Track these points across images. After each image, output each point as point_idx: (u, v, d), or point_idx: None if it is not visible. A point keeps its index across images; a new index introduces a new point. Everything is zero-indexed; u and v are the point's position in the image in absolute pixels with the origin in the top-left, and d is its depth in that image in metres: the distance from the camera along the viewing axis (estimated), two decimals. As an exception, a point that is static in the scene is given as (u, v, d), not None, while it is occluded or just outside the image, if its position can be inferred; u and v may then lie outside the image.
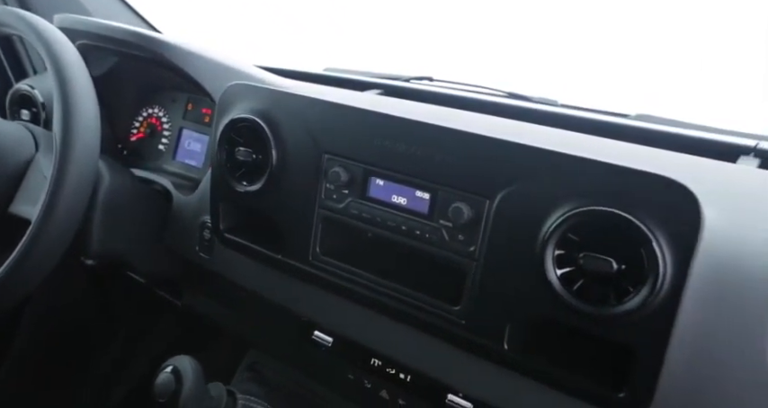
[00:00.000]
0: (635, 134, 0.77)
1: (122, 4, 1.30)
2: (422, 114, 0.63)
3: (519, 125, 0.75)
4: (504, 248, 0.55)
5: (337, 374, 0.76)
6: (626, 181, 0.48)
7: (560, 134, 0.71)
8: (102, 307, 1.29)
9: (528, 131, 0.72)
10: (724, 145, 0.72)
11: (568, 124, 0.78)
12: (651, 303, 0.47)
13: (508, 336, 0.56)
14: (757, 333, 0.47)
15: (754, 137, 0.76)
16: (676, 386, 0.50)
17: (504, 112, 0.85)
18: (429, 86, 1.12)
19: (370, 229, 0.65)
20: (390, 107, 0.86)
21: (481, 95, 1.02)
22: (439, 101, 0.94)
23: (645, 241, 0.47)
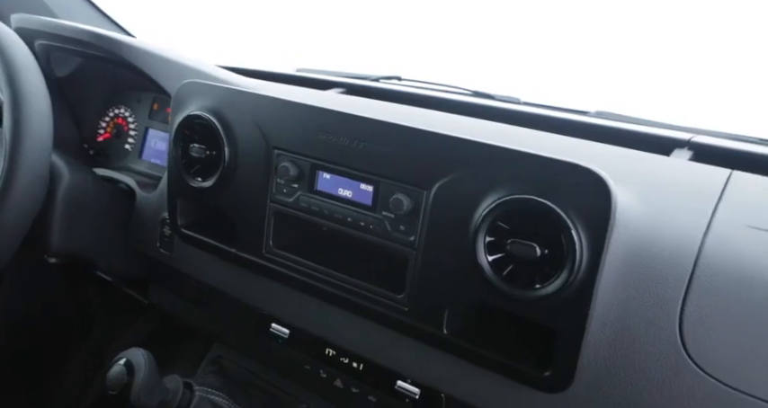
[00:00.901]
0: (591, 130, 0.80)
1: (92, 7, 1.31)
2: (377, 111, 0.65)
3: (467, 120, 0.78)
4: (441, 237, 0.58)
5: (295, 365, 0.77)
6: (547, 170, 0.51)
7: (498, 128, 0.74)
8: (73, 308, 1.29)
9: (467, 125, 0.75)
10: (662, 139, 0.76)
11: (530, 121, 0.81)
12: (570, 286, 0.49)
13: (447, 321, 0.59)
14: (671, 314, 0.49)
15: (691, 131, 0.80)
16: (599, 363, 0.52)
17: (468, 110, 0.88)
18: (395, 85, 1.15)
19: (318, 222, 0.67)
20: (346, 104, 0.88)
21: (446, 94, 1.05)
22: (404, 99, 0.97)
23: (564, 227, 0.49)
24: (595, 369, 0.52)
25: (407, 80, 1.22)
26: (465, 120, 0.79)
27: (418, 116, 0.83)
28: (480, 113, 0.86)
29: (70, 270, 1.12)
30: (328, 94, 0.98)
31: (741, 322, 0.47)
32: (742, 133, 0.84)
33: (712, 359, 0.48)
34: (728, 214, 0.52)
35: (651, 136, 0.78)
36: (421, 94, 1.01)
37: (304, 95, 0.93)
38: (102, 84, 1.11)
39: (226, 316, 0.86)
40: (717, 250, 0.50)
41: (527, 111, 0.88)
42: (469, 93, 1.10)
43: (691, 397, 0.48)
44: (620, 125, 0.82)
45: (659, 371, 0.49)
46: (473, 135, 0.56)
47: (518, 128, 0.77)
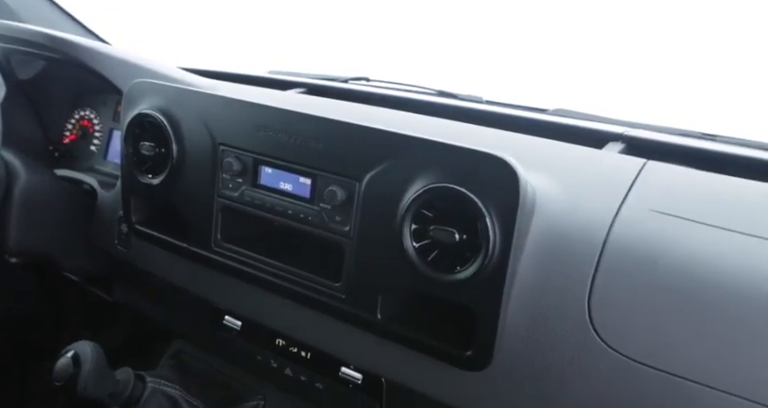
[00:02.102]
0: (546, 127, 0.83)
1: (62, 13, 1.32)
2: (324, 109, 0.67)
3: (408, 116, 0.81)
4: (372, 226, 0.60)
5: (247, 356, 0.80)
6: (463, 159, 0.54)
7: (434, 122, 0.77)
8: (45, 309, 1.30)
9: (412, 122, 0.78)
10: (598, 133, 0.79)
11: (490, 120, 0.84)
12: (485, 269, 0.52)
13: (381, 307, 0.61)
14: (580, 294, 0.52)
15: (628, 125, 0.83)
16: (518, 342, 0.55)
17: (431, 110, 0.91)
18: (360, 86, 1.18)
19: (262, 215, 0.69)
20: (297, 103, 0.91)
21: (411, 94, 1.08)
22: (366, 99, 1.00)
23: (478, 213, 0.52)
24: (514, 348, 0.55)
25: (375, 81, 1.24)
26: (418, 118, 0.81)
27: (370, 114, 0.86)
28: (443, 113, 0.89)
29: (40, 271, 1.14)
30: (286, 94, 1.01)
31: (644, 300, 0.50)
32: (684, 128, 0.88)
33: (618, 336, 0.51)
34: (637, 200, 0.55)
35: (592, 130, 0.81)
36: (385, 94, 1.04)
37: (258, 95, 0.95)
38: (67, 87, 1.13)
39: (184, 311, 0.88)
40: (623, 233, 0.53)
41: (488, 110, 0.91)
42: (434, 92, 1.13)
43: (598, 371, 0.51)
44: (570, 121, 0.85)
45: (570, 348, 0.52)
46: (417, 131, 0.58)
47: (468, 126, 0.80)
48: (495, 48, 1.62)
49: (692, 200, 0.55)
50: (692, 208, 0.54)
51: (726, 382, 0.47)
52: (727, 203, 0.56)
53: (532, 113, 0.92)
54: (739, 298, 0.47)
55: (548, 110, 1.01)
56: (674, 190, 0.57)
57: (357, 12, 1.94)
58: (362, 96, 1.04)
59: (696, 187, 0.59)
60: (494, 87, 1.20)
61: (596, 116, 0.94)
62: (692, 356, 0.48)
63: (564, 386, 0.53)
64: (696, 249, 0.51)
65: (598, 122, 0.87)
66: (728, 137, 0.83)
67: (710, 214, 0.53)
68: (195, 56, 1.37)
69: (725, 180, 0.60)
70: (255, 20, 2.04)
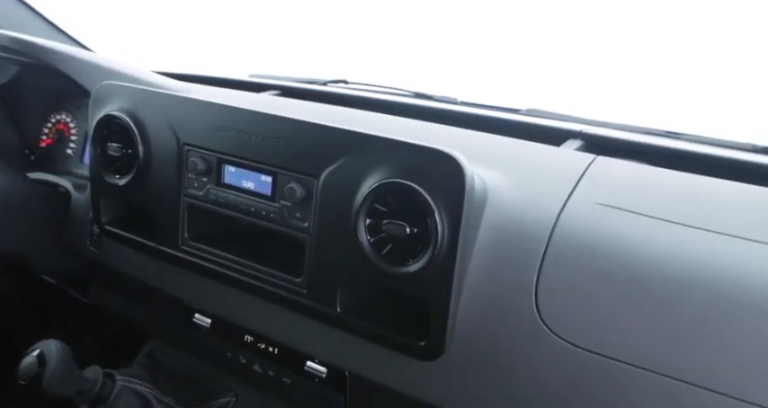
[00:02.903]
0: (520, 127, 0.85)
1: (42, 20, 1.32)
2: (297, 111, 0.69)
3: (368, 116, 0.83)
4: (330, 221, 0.62)
5: (218, 353, 0.81)
6: (413, 155, 0.55)
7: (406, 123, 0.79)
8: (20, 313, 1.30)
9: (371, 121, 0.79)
10: (558, 130, 0.81)
11: (464, 120, 0.86)
12: (434, 262, 0.54)
13: (340, 300, 0.63)
14: (527, 285, 0.54)
15: (584, 122, 0.85)
16: (471, 332, 0.57)
17: (407, 111, 0.93)
18: (336, 88, 1.19)
19: (226, 213, 0.70)
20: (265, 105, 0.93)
21: (387, 96, 1.09)
22: (343, 101, 1.01)
23: (427, 208, 0.54)
24: (467, 339, 0.57)
25: (353, 83, 1.26)
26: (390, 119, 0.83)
27: (337, 115, 0.88)
28: (418, 114, 0.90)
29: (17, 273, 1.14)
30: (257, 96, 1.02)
31: (587, 289, 0.52)
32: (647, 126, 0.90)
33: (564, 325, 0.53)
34: (583, 193, 0.57)
35: (553, 128, 0.83)
36: (362, 96, 1.06)
37: (229, 97, 0.97)
38: (42, 91, 1.14)
39: (156, 310, 0.88)
40: (569, 225, 0.55)
41: (462, 111, 0.93)
42: (410, 94, 1.15)
43: (546, 360, 0.53)
44: (539, 121, 0.87)
45: (518, 338, 0.54)
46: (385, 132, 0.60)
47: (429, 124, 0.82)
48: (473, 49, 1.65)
49: (635, 194, 0.57)
50: (636, 201, 0.56)
51: (668, 367, 0.49)
52: (670, 196, 0.58)
53: (505, 113, 0.94)
54: (676, 286, 0.49)
55: (521, 110, 1.03)
56: (620, 184, 0.59)
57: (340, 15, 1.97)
58: (338, 98, 1.05)
59: (642, 181, 0.61)
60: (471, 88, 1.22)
61: (565, 115, 0.96)
62: (635, 342, 0.50)
63: (514, 375, 0.54)
64: (636, 240, 0.52)
65: (564, 121, 0.89)
66: (692, 135, 0.85)
67: (653, 207, 0.55)
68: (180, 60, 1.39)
69: (674, 175, 0.62)
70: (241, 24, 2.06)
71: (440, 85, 1.16)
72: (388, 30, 1.86)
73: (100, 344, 1.27)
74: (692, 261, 0.50)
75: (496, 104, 1.11)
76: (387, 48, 1.79)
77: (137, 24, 1.90)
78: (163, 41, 1.86)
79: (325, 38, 1.96)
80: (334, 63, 1.82)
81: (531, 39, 1.58)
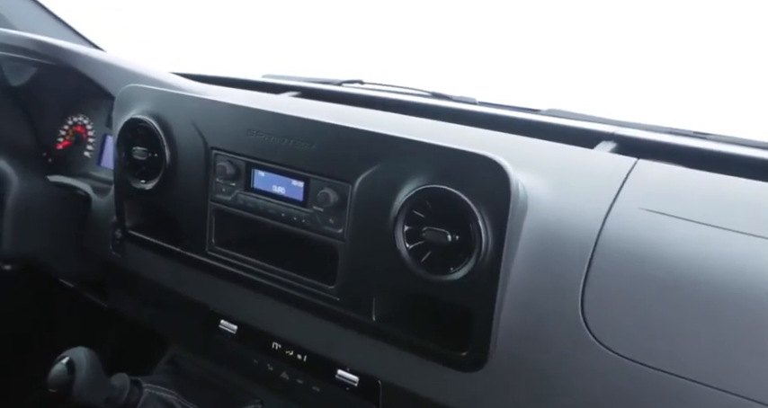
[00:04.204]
0: (540, 128, 0.83)
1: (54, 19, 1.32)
2: (316, 112, 0.68)
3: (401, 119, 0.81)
4: (365, 228, 0.60)
5: (244, 360, 0.79)
6: (455, 160, 0.54)
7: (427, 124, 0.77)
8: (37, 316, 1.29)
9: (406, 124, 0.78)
10: (590, 132, 0.79)
11: (484, 121, 0.85)
12: (478, 270, 0.52)
13: (375, 309, 0.61)
14: (573, 293, 0.52)
15: (619, 124, 0.84)
16: (512, 342, 0.55)
17: (425, 112, 0.91)
18: (353, 89, 1.18)
19: (256, 218, 0.69)
20: (290, 107, 0.91)
21: (404, 96, 1.08)
22: (359, 102, 1.00)
23: (470, 214, 0.52)
24: (509, 348, 0.55)
25: (369, 83, 1.25)
26: (412, 120, 0.82)
27: (363, 117, 0.86)
28: (437, 114, 0.89)
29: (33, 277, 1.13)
30: (279, 98, 1.01)
31: (636, 298, 0.51)
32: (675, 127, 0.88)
33: (611, 334, 0.51)
34: (628, 199, 0.56)
35: (583, 130, 0.81)
36: (379, 97, 1.04)
37: (252, 99, 0.95)
38: (60, 93, 1.13)
39: (178, 316, 0.87)
40: (615, 232, 0.53)
41: (481, 111, 0.91)
42: (427, 94, 1.13)
43: (593, 371, 0.51)
44: (562, 122, 0.86)
45: (564, 347, 0.52)
46: (407, 133, 0.59)
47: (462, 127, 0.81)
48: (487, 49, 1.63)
49: (682, 199, 0.56)
50: (683, 207, 0.54)
51: (720, 379, 0.47)
52: (717, 201, 0.56)
53: (525, 114, 0.92)
54: (730, 295, 0.48)
55: (540, 110, 1.02)
56: (665, 189, 0.57)
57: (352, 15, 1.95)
58: (356, 99, 1.04)
59: (686, 185, 0.59)
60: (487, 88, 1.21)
61: (589, 116, 0.95)
62: (686, 354, 0.48)
63: (559, 386, 0.53)
64: (686, 247, 0.51)
65: (590, 122, 0.87)
66: (720, 135, 0.83)
67: (701, 212, 0.53)
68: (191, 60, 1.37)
69: (715, 178, 0.61)
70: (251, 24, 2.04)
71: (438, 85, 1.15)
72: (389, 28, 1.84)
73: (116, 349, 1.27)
74: (744, 269, 0.48)
75: (516, 104, 1.10)
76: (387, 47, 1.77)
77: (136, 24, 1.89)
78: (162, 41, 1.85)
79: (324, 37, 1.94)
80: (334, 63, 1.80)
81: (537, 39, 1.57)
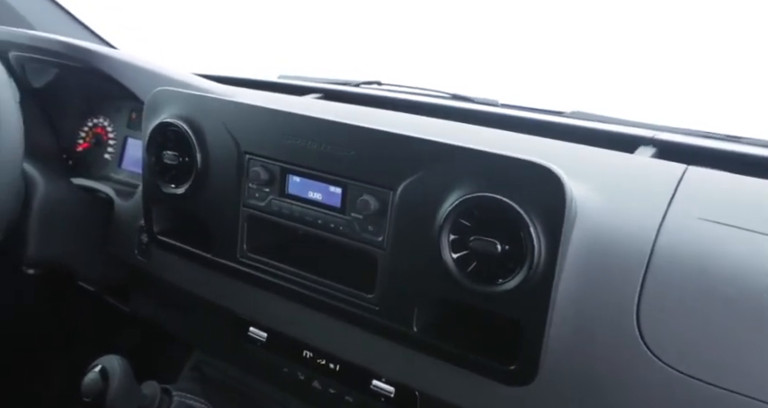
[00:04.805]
0: (567, 130, 0.82)
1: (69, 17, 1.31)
2: (350, 116, 0.66)
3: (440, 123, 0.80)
4: (407, 236, 0.59)
5: (273, 368, 0.78)
6: (504, 167, 0.52)
7: (471, 129, 0.76)
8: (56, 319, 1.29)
9: (438, 127, 0.76)
10: (627, 136, 0.77)
11: (507, 123, 0.83)
12: (530, 280, 0.51)
13: (416, 319, 0.60)
14: (628, 306, 0.51)
15: (654, 128, 0.82)
16: (562, 355, 0.53)
17: (446, 114, 0.89)
18: (374, 90, 1.16)
19: (290, 225, 0.68)
20: (319, 109, 0.90)
21: (425, 98, 1.06)
22: (382, 104, 0.98)
23: (522, 223, 0.51)
24: (558, 362, 0.53)
25: (387, 85, 1.23)
26: (437, 123, 0.80)
27: (390, 119, 0.85)
28: (459, 116, 0.87)
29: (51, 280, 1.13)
30: (304, 100, 0.99)
31: (694, 311, 0.49)
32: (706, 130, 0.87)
33: (670, 349, 0.49)
34: (682, 207, 0.54)
35: (618, 134, 0.80)
36: (399, 99, 1.03)
37: (278, 101, 0.94)
38: (80, 95, 1.12)
39: (205, 322, 0.86)
40: (670, 242, 0.51)
41: (504, 113, 0.90)
42: (448, 96, 1.12)
43: (649, 386, 0.50)
44: (591, 124, 0.84)
45: (618, 362, 0.51)
46: (442, 136, 0.57)
47: (490, 130, 0.79)
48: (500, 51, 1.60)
49: (738, 207, 0.54)
50: (741, 216, 0.52)
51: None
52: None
53: (550, 116, 0.90)
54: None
55: (564, 112, 1.00)
56: (719, 197, 0.56)
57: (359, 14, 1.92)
58: (379, 101, 1.02)
59: (740, 193, 0.57)
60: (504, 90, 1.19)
61: (616, 118, 0.93)
62: (751, 370, 0.46)
63: (613, 402, 0.51)
64: (747, 258, 0.49)
65: (620, 125, 0.85)
66: (751, 138, 0.81)
67: (759, 221, 0.52)
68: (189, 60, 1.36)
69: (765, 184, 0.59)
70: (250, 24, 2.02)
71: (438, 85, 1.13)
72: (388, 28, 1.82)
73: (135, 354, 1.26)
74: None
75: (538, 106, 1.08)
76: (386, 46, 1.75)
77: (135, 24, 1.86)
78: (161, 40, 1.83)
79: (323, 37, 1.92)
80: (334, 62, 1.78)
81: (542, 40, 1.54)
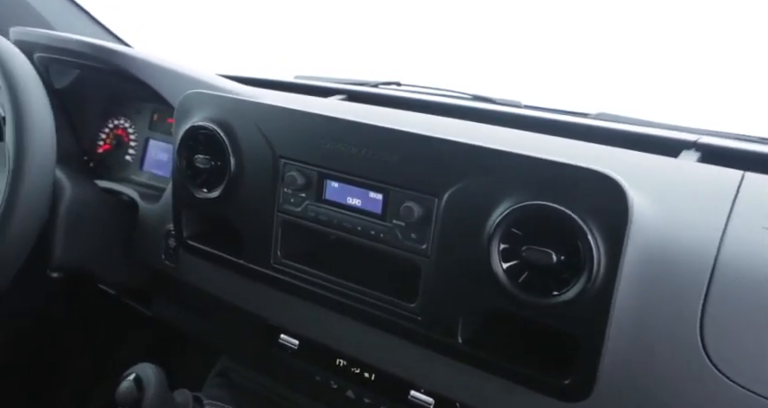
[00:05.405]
0: (593, 132, 0.79)
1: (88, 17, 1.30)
2: (380, 118, 0.65)
3: (469, 125, 0.78)
4: (453, 244, 0.57)
5: (304, 376, 0.76)
6: (561, 175, 0.50)
7: (509, 133, 0.74)
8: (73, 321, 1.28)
9: (475, 131, 0.74)
10: (667, 140, 0.75)
11: (531, 125, 0.81)
12: (588, 292, 0.49)
13: (461, 330, 0.58)
14: (690, 320, 0.49)
15: (696, 132, 0.79)
16: (618, 370, 0.51)
17: (468, 115, 0.87)
18: (395, 91, 1.14)
19: (327, 231, 0.66)
20: (349, 112, 0.88)
21: (446, 98, 1.04)
22: (403, 105, 0.97)
23: (580, 233, 0.49)
24: (615, 377, 0.52)
25: (406, 85, 1.21)
26: (472, 126, 0.78)
27: (424, 122, 0.83)
28: (482, 117, 0.85)
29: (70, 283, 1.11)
30: (331, 102, 0.97)
31: (763, 326, 0.47)
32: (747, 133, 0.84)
33: (736, 365, 0.47)
34: (744, 216, 0.52)
35: (656, 137, 0.77)
36: (422, 100, 1.01)
37: (307, 103, 0.92)
38: (100, 96, 1.11)
39: (232, 328, 0.84)
40: (735, 253, 0.49)
41: (529, 115, 0.88)
42: (469, 97, 1.10)
43: (713, 404, 0.48)
44: (622, 127, 0.82)
45: (680, 378, 0.49)
46: (482, 140, 0.56)
47: (524, 133, 0.77)
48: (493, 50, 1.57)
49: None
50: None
51: None
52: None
53: (576, 118, 0.88)
54: None
55: (589, 114, 0.98)
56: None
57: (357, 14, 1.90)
58: (402, 102, 1.01)
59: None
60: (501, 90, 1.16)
61: (645, 121, 0.90)
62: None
63: (676, 420, 0.49)
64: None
65: (654, 128, 0.83)
66: None
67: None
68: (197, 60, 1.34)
69: None
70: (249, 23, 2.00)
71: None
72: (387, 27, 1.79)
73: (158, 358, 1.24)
74: None
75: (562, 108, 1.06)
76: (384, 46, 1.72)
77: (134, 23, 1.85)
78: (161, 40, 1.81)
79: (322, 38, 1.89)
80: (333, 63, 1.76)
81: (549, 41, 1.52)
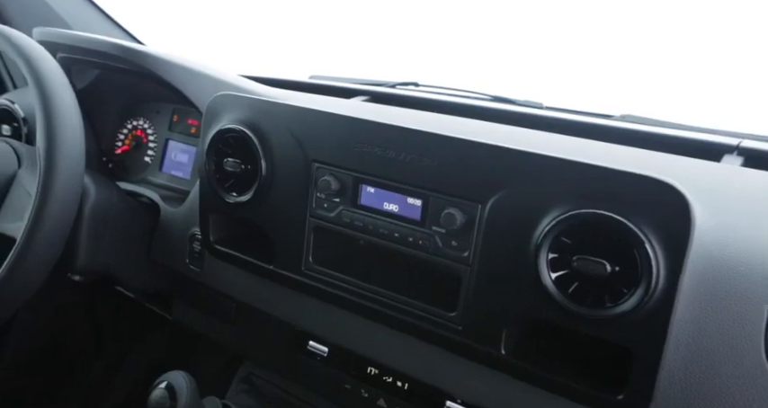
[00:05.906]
0: (619, 135, 0.77)
1: (103, 16, 1.29)
2: (409, 120, 0.63)
3: (506, 129, 0.76)
4: (497, 253, 0.55)
5: (333, 384, 0.75)
6: (616, 183, 0.48)
7: (546, 137, 0.72)
8: (91, 324, 1.27)
9: (515, 135, 0.72)
10: (708, 144, 0.73)
11: (553, 126, 0.79)
12: (646, 304, 0.47)
13: (505, 341, 0.56)
14: (753, 334, 0.47)
15: (736, 136, 0.77)
16: (674, 386, 0.50)
17: (489, 116, 0.86)
18: (415, 92, 1.13)
19: (362, 237, 0.64)
20: (377, 114, 0.86)
21: (466, 99, 1.02)
22: (425, 106, 0.95)
23: (637, 243, 0.47)
24: (671, 393, 0.50)
25: (425, 86, 1.19)
26: (511, 130, 0.76)
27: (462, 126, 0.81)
28: (504, 119, 0.83)
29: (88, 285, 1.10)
30: (356, 103, 0.96)
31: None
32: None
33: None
34: (805, 225, 0.50)
35: (695, 141, 0.75)
36: (443, 101, 0.99)
37: (333, 105, 0.90)
38: (119, 96, 1.09)
39: (257, 333, 0.83)
40: (797, 264, 0.47)
41: (551, 116, 0.86)
42: (489, 98, 1.08)
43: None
44: (653, 129, 0.80)
45: (744, 395, 0.47)
46: (523, 145, 0.54)
47: (551, 135, 0.75)
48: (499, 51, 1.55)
49: None
50: None
51: None
52: None
53: (600, 120, 0.86)
54: None
55: (613, 115, 0.96)
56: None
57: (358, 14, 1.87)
58: (423, 103, 0.99)
59: None
60: None
61: (672, 123, 0.88)
62: None
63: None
64: None
65: (689, 131, 0.81)
66: None
67: None
68: None
69: None
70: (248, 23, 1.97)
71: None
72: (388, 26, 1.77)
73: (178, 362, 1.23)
74: None
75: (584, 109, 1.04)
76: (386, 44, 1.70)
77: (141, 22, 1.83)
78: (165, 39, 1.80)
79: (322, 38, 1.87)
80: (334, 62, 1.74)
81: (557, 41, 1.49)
